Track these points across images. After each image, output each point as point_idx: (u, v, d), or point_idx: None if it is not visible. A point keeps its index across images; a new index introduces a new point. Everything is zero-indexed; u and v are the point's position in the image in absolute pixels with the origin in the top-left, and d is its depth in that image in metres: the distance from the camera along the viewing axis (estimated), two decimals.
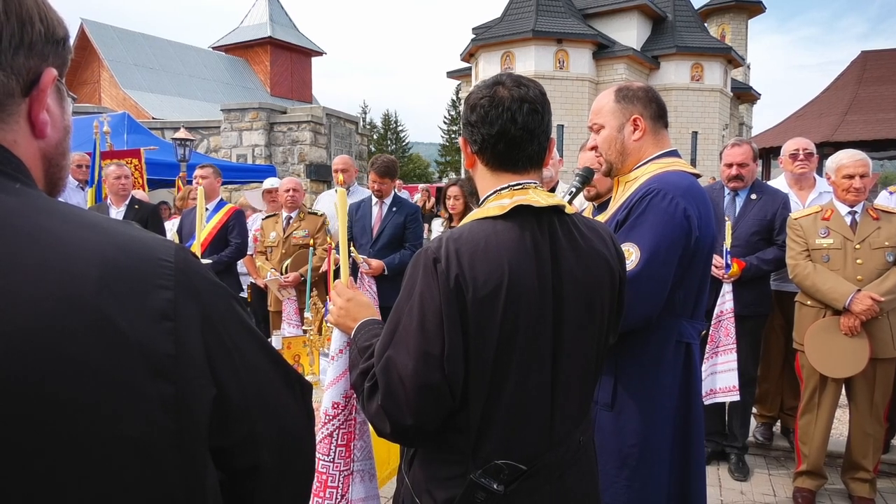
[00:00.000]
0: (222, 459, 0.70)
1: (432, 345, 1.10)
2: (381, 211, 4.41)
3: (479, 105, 1.22)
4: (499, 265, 1.13)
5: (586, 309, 1.23)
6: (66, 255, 0.60)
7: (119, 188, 4.78)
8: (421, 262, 1.15)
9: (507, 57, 30.24)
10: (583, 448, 1.29)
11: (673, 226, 1.66)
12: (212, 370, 0.66)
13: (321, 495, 1.35)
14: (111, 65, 24.74)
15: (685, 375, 1.77)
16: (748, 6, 40.02)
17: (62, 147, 0.75)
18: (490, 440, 1.16)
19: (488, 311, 1.11)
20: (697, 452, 1.83)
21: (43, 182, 0.73)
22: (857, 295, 2.91)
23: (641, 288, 1.62)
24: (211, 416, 0.66)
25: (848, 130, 13.35)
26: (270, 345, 0.79)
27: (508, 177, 1.25)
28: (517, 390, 1.16)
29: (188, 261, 0.68)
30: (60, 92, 0.74)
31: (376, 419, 1.15)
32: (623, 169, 1.89)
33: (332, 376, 1.41)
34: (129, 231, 0.67)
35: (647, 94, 1.86)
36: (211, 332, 0.67)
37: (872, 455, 3.14)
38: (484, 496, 1.13)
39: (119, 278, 0.61)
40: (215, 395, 0.66)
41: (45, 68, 0.69)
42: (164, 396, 0.61)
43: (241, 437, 0.71)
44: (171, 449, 0.62)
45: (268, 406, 0.74)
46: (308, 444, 0.84)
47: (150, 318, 0.62)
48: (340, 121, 15.08)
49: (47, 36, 0.68)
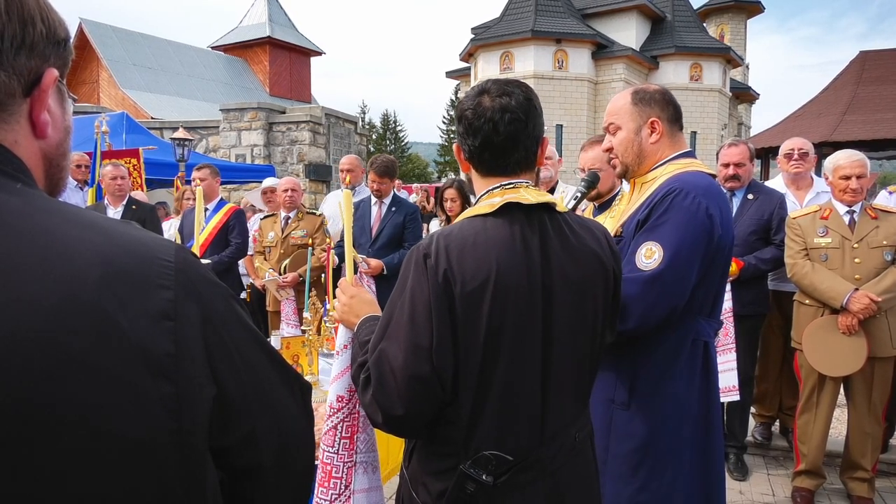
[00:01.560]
0: (222, 459, 0.70)
1: (422, 337, 1.14)
2: (380, 211, 4.41)
3: (465, 116, 1.27)
4: (487, 260, 1.16)
5: (578, 305, 1.25)
6: (68, 255, 0.60)
7: (115, 188, 4.77)
8: (413, 257, 1.20)
9: (506, 57, 30.26)
10: (579, 445, 1.30)
11: (696, 224, 1.66)
12: (212, 370, 0.67)
13: (326, 486, 1.39)
14: (110, 64, 24.71)
15: (704, 374, 1.77)
16: (747, 6, 40.08)
17: (63, 147, 0.76)
18: (481, 433, 1.18)
19: (476, 305, 1.15)
20: (718, 452, 1.82)
21: (44, 182, 0.74)
22: (854, 294, 2.92)
23: (664, 286, 1.62)
24: (211, 415, 0.66)
25: (846, 130, 13.36)
26: (270, 345, 0.79)
27: (500, 179, 1.28)
28: (506, 383, 1.18)
29: (188, 261, 0.69)
30: (61, 93, 0.74)
31: (370, 409, 1.19)
32: (640, 171, 1.89)
33: (338, 371, 1.44)
34: (130, 231, 0.67)
35: (664, 97, 1.87)
36: (211, 331, 0.67)
37: (871, 454, 3.15)
38: (474, 487, 1.16)
39: (120, 278, 0.61)
40: (216, 394, 0.67)
41: (46, 69, 0.69)
42: (164, 396, 0.61)
43: (241, 437, 0.71)
44: (171, 448, 0.62)
45: (267, 406, 0.75)
46: (307, 445, 0.84)
47: (151, 317, 0.62)
48: (339, 121, 15.08)
49: (49, 36, 0.69)
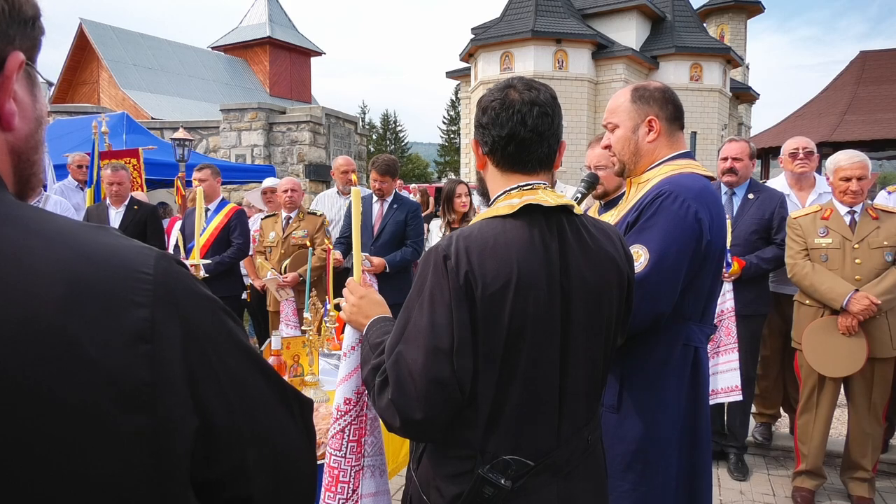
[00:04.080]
0: (210, 492, 0.64)
1: (442, 340, 1.12)
2: (381, 209, 4.40)
3: (491, 107, 1.26)
4: (507, 262, 1.15)
5: (594, 308, 1.24)
6: (28, 272, 0.53)
7: (112, 193, 4.78)
8: (431, 259, 1.18)
9: (507, 57, 30.23)
10: (591, 447, 1.30)
11: (683, 229, 1.65)
12: (195, 397, 0.60)
13: (333, 490, 1.38)
14: (110, 65, 24.69)
15: (692, 379, 1.76)
16: (747, 6, 40.03)
17: (34, 140, 0.67)
18: (498, 436, 1.17)
19: (497, 308, 1.13)
20: (704, 457, 1.82)
21: (12, 180, 0.65)
22: (854, 295, 2.92)
23: (649, 290, 1.62)
24: (194, 448, 0.60)
25: (846, 130, 13.37)
26: (264, 360, 0.72)
27: (518, 178, 1.27)
28: (525, 387, 1.17)
29: (170, 271, 0.61)
30: (31, 78, 0.66)
31: (386, 413, 1.17)
32: (636, 170, 1.88)
33: (344, 373, 1.42)
34: (103, 240, 0.60)
35: (663, 95, 1.85)
36: (196, 352, 0.61)
37: (871, 454, 3.15)
38: (492, 491, 1.15)
39: (88, 296, 0.54)
40: (198, 425, 0.60)
41: (10, 52, 0.61)
42: (140, 431, 0.55)
43: (230, 468, 0.65)
44: (146, 488, 0.56)
45: (260, 429, 0.68)
46: (307, 466, 0.78)
47: (124, 341, 0.55)
48: (339, 121, 15.07)
49: (12, 14, 0.60)
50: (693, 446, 1.78)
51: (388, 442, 2.24)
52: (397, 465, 2.35)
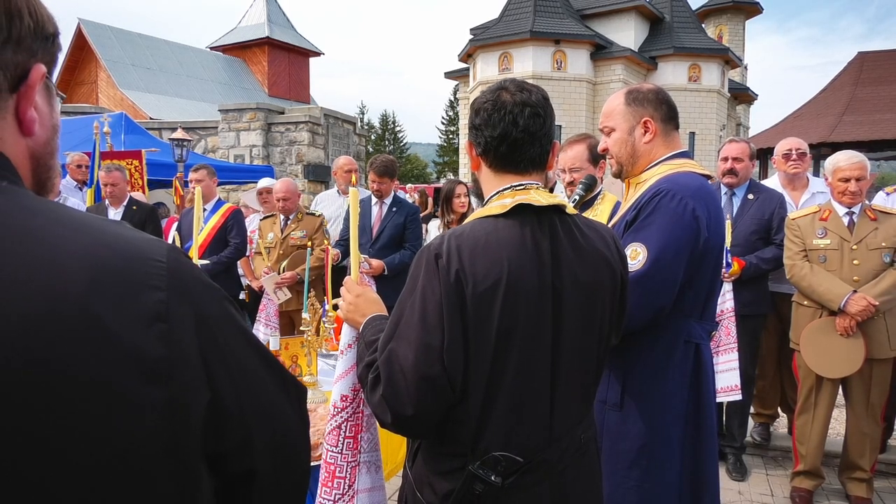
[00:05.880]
0: (216, 466, 0.68)
1: (433, 337, 1.13)
2: (380, 211, 4.40)
3: (483, 109, 1.27)
4: (498, 261, 1.16)
5: (586, 307, 1.25)
6: (55, 256, 0.58)
7: (107, 194, 4.78)
8: (424, 257, 1.19)
9: (505, 58, 30.25)
10: (584, 446, 1.30)
11: (681, 226, 1.67)
12: (207, 374, 0.65)
13: (329, 485, 1.39)
14: (108, 65, 24.69)
15: (694, 375, 1.77)
16: (745, 7, 40.11)
17: (51, 146, 0.74)
18: (489, 433, 1.18)
19: (487, 306, 1.14)
20: (710, 452, 1.82)
21: (31, 182, 0.71)
22: (852, 296, 2.92)
23: (648, 287, 1.63)
24: (205, 421, 0.64)
25: (845, 131, 13.38)
26: (265, 347, 0.78)
27: (511, 178, 1.28)
28: (516, 384, 1.18)
29: (181, 261, 0.67)
30: (49, 89, 0.72)
31: (379, 409, 1.19)
32: (634, 171, 1.89)
33: (342, 370, 1.43)
34: (120, 231, 0.65)
35: (657, 96, 1.87)
36: (205, 334, 0.65)
37: (869, 455, 3.15)
38: (482, 488, 1.16)
39: (110, 279, 0.59)
40: (210, 399, 0.64)
41: (33, 64, 0.67)
42: (156, 401, 0.59)
43: (235, 443, 0.69)
44: (163, 456, 0.60)
45: (263, 410, 0.73)
46: (303, 449, 0.82)
47: (143, 320, 0.60)
48: (338, 121, 15.07)
49: (36, 31, 0.67)
50: (697, 441, 1.78)
51: (387, 442, 2.24)
52: (395, 465, 2.35)
